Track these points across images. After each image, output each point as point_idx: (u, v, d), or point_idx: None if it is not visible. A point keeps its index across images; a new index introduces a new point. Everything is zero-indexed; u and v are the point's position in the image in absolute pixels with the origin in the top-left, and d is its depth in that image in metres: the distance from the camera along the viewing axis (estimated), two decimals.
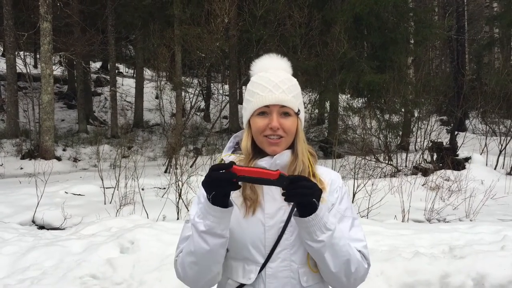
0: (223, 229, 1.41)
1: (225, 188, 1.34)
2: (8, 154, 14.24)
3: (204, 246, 1.41)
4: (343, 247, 1.45)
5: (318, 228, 1.39)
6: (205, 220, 1.39)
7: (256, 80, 1.57)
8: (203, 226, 1.40)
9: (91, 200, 7.82)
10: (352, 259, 1.47)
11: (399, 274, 4.00)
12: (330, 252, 1.43)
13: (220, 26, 13.56)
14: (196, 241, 1.43)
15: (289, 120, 1.52)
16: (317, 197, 1.37)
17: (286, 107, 1.52)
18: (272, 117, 1.50)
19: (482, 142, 12.49)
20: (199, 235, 1.41)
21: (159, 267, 4.15)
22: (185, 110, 17.26)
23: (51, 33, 13.69)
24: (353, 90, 16.80)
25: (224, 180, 1.32)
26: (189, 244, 1.46)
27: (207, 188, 1.36)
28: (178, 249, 1.57)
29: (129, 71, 31.01)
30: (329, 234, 1.41)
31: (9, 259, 4.55)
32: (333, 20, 15.22)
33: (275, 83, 1.53)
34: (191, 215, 1.57)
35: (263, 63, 1.61)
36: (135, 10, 18.10)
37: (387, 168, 10.91)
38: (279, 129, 1.50)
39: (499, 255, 4.17)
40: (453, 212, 7.08)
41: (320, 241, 1.40)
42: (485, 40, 24.57)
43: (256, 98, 1.53)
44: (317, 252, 1.43)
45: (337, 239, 1.43)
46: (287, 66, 1.63)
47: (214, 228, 1.39)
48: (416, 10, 17.93)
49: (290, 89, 1.54)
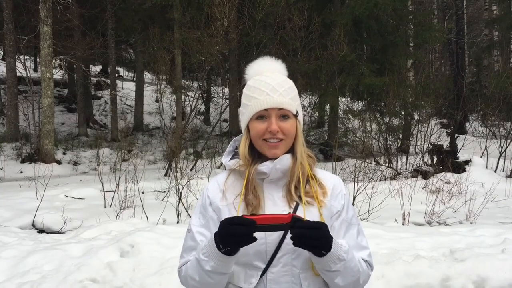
0: (228, 269, 1.43)
1: (242, 243, 1.35)
2: (8, 157, 14.23)
3: (209, 280, 1.44)
4: (354, 267, 1.46)
5: (332, 262, 1.40)
6: (210, 261, 1.40)
7: (253, 84, 1.56)
8: (209, 267, 1.41)
9: (91, 204, 7.80)
10: (361, 275, 1.49)
11: (400, 277, 3.99)
12: (342, 276, 1.44)
13: (220, 29, 13.58)
14: (200, 274, 1.45)
15: (288, 123, 1.52)
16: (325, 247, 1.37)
17: (285, 109, 1.51)
18: (271, 120, 1.50)
19: (482, 144, 12.48)
20: (204, 272, 1.43)
21: (159, 270, 4.14)
22: (185, 114, 17.26)
23: (51, 37, 13.70)
24: (353, 93, 16.84)
25: (245, 238, 1.33)
26: (194, 272, 1.47)
27: (223, 242, 1.35)
28: (183, 259, 1.57)
29: (129, 75, 31.03)
30: (343, 263, 1.42)
31: (8, 263, 4.54)
32: (333, 23, 15.24)
33: (272, 86, 1.52)
34: (192, 225, 1.58)
35: (258, 66, 1.60)
36: (135, 14, 18.13)
37: (387, 171, 10.90)
38: (279, 132, 1.50)
39: (499, 258, 4.16)
40: (454, 215, 7.07)
41: (334, 271, 1.42)
42: (485, 43, 24.63)
43: (253, 102, 1.52)
44: (330, 277, 1.45)
45: (350, 262, 1.44)
46: (282, 68, 1.62)
47: (219, 269, 1.41)
48: (416, 13, 17.99)
49: (287, 91, 1.54)
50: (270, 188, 1.54)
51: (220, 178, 1.63)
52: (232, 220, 1.34)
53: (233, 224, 1.32)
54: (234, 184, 1.57)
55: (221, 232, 1.35)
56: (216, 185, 1.61)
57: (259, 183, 1.54)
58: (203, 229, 1.56)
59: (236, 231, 1.31)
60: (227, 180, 1.59)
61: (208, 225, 1.56)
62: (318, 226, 1.37)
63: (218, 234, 1.36)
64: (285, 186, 1.54)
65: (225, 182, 1.59)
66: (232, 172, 1.60)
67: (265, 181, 1.54)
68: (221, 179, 1.62)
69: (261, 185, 1.54)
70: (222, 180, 1.61)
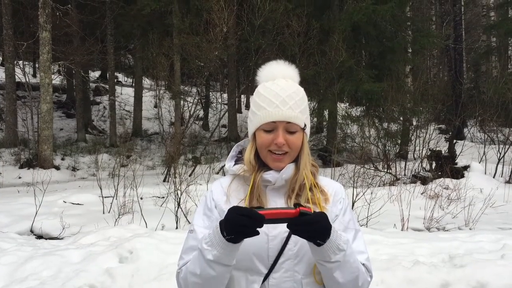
0: (230, 260, 1.40)
1: (247, 235, 1.34)
2: (6, 163, 14.21)
3: (211, 272, 1.41)
4: (354, 263, 1.44)
5: (332, 252, 1.38)
6: (213, 250, 1.38)
7: (263, 93, 1.55)
8: (211, 256, 1.38)
9: (90, 210, 7.78)
10: (360, 274, 1.47)
11: (399, 283, 3.99)
12: (341, 270, 1.42)
13: (219, 35, 13.62)
14: (202, 266, 1.41)
15: (294, 136, 1.51)
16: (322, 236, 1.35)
17: (293, 123, 1.51)
18: (278, 133, 1.50)
19: (480, 150, 12.51)
20: (206, 262, 1.40)
21: (158, 276, 4.13)
22: (184, 119, 17.26)
23: (50, 43, 13.72)
24: (352, 99, 16.85)
25: (250, 229, 1.32)
26: (195, 266, 1.44)
27: (228, 230, 1.34)
28: (182, 260, 1.55)
29: (128, 80, 31.04)
30: (342, 254, 1.40)
31: (7, 269, 4.52)
32: (331, 29, 15.29)
33: (283, 98, 1.51)
34: (195, 225, 1.57)
35: (270, 71, 1.58)
36: (134, 20, 18.17)
37: (386, 177, 10.91)
38: (285, 145, 1.50)
39: (499, 264, 4.16)
40: (453, 220, 7.07)
41: (334, 262, 1.40)
42: (483, 49, 24.69)
43: (262, 112, 1.52)
44: (329, 270, 1.42)
45: (349, 256, 1.42)
46: (295, 74, 1.60)
47: (222, 259, 1.38)
48: (414, 19, 18.08)
49: (297, 103, 1.53)
50: (273, 195, 1.55)
51: (224, 181, 1.63)
52: (241, 210, 1.33)
53: (243, 215, 1.31)
54: (238, 189, 1.57)
55: (228, 219, 1.34)
56: (220, 188, 1.61)
57: (263, 190, 1.54)
58: (207, 230, 1.54)
59: (244, 222, 1.30)
60: (231, 184, 1.59)
61: (212, 227, 1.55)
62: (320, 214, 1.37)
63: (224, 221, 1.35)
64: (286, 193, 1.55)
65: (229, 186, 1.59)
66: (236, 177, 1.60)
67: (268, 188, 1.55)
68: (225, 183, 1.62)
69: (265, 191, 1.55)
70: (226, 184, 1.61)
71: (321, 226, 1.34)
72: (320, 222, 1.34)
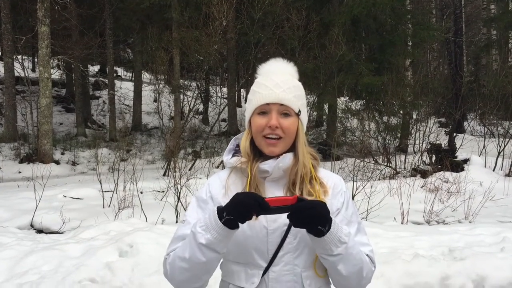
0: (222, 247, 1.39)
1: (245, 219, 1.34)
2: (6, 158, 14.21)
3: (200, 257, 1.39)
4: (357, 255, 1.44)
5: (334, 244, 1.38)
6: (207, 234, 1.37)
7: (259, 80, 1.58)
8: (204, 240, 1.37)
9: (90, 204, 7.79)
10: (364, 265, 1.47)
11: (399, 276, 3.99)
12: (345, 263, 1.41)
13: (218, 29, 13.58)
14: (192, 250, 1.40)
15: (288, 120, 1.51)
16: (323, 224, 1.35)
17: (286, 106, 1.51)
18: (271, 115, 1.50)
19: (480, 143, 12.51)
20: (198, 246, 1.39)
21: (158, 270, 4.13)
22: (184, 113, 17.25)
23: (49, 37, 13.68)
24: (352, 92, 16.82)
25: (249, 215, 1.33)
26: (184, 250, 1.43)
27: (230, 209, 1.34)
28: (170, 248, 1.54)
29: (127, 74, 31.01)
30: (344, 246, 1.39)
31: (7, 263, 4.53)
32: (331, 23, 15.24)
33: (276, 83, 1.53)
34: (188, 216, 1.56)
35: (269, 67, 1.61)
36: (133, 14, 18.12)
37: (386, 170, 10.91)
38: (278, 128, 1.49)
39: (499, 257, 4.16)
40: (452, 214, 7.07)
41: (336, 255, 1.39)
42: (483, 42, 24.64)
43: (257, 96, 1.53)
44: (332, 263, 1.42)
45: (351, 248, 1.42)
46: (294, 71, 1.62)
47: (214, 245, 1.37)
48: (414, 12, 17.99)
49: (292, 89, 1.54)
50: (272, 186, 1.54)
51: (222, 174, 1.63)
52: (248, 194, 1.35)
53: (248, 196, 1.33)
54: (236, 182, 1.57)
55: (233, 199, 1.35)
56: (218, 181, 1.61)
57: (261, 181, 1.54)
58: None
59: (250, 202, 1.31)
60: (229, 177, 1.59)
61: None
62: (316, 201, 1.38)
63: (229, 202, 1.36)
64: (286, 185, 1.54)
65: (227, 179, 1.59)
66: (233, 170, 1.59)
67: (266, 179, 1.55)
68: (223, 176, 1.62)
69: (263, 183, 1.54)
70: (224, 177, 1.61)
71: (316, 210, 1.33)
72: (315, 207, 1.34)
